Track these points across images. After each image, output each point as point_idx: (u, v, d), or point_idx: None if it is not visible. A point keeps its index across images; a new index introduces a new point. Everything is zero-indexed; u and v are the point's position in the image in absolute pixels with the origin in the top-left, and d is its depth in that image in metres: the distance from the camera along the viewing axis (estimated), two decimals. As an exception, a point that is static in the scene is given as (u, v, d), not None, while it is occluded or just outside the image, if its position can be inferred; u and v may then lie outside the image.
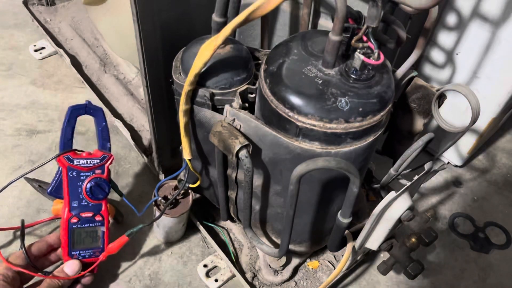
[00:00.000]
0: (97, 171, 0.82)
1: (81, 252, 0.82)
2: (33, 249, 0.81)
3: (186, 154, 0.76)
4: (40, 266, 0.81)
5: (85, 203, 0.82)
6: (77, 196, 0.81)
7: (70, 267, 0.80)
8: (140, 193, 1.03)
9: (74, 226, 0.81)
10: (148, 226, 0.86)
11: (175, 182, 0.90)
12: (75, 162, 0.80)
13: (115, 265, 0.91)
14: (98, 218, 0.82)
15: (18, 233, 0.93)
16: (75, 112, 0.84)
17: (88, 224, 0.82)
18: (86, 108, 0.85)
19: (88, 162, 0.81)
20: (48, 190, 0.84)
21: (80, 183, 0.81)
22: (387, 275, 0.88)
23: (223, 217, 0.90)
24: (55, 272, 0.80)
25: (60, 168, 0.81)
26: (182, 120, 0.72)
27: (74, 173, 0.80)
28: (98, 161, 0.82)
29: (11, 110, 1.16)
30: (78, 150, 0.82)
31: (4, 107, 1.17)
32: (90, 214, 0.82)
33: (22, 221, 0.85)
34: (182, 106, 0.70)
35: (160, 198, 0.87)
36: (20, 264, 0.78)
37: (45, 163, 0.86)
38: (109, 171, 0.84)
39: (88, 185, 0.81)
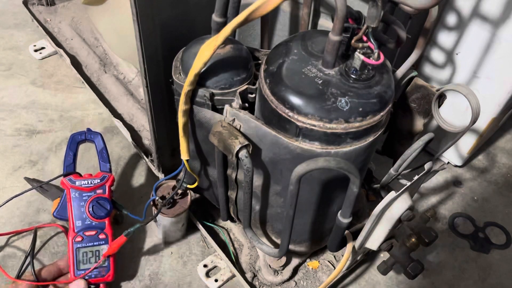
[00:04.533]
0: (99, 191, 0.85)
1: (87, 271, 0.82)
2: (43, 272, 0.81)
3: (184, 155, 0.76)
4: None
5: (88, 222, 0.84)
6: (80, 216, 0.84)
7: (76, 286, 0.80)
8: (140, 194, 1.03)
9: (78, 245, 0.82)
10: (145, 225, 0.86)
11: (173, 182, 0.90)
12: (77, 183, 0.85)
13: (115, 265, 0.91)
14: (101, 236, 0.84)
15: (19, 235, 0.93)
16: (76, 138, 0.90)
17: (92, 243, 0.83)
18: (85, 134, 0.91)
19: (89, 183, 0.85)
20: (54, 213, 0.86)
21: (83, 203, 0.84)
22: (387, 275, 0.88)
23: (223, 217, 0.90)
24: None
25: (65, 190, 0.85)
26: (181, 120, 0.72)
27: (76, 194, 0.84)
28: (99, 181, 0.86)
29: (11, 110, 1.16)
30: (80, 174, 0.87)
31: (4, 107, 1.17)
32: (93, 233, 0.83)
33: (34, 234, 0.87)
34: (182, 106, 0.70)
35: (157, 198, 0.87)
36: (27, 285, 0.78)
37: (48, 182, 0.90)
38: (111, 190, 0.87)
39: (90, 205, 0.84)
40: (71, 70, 1.27)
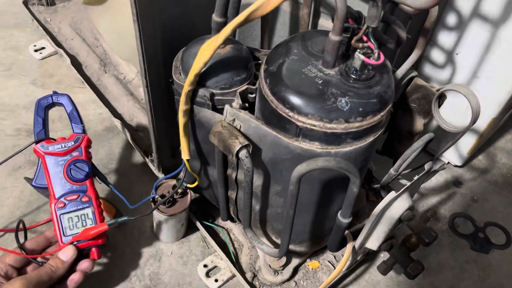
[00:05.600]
0: (75, 154, 0.82)
1: (74, 237, 0.79)
2: (30, 243, 0.80)
3: (185, 155, 0.76)
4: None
5: (68, 187, 0.81)
6: (59, 182, 0.81)
7: (65, 252, 0.77)
8: (140, 193, 1.03)
9: (62, 212, 0.80)
10: (134, 219, 0.81)
11: (173, 181, 0.90)
12: (50, 148, 0.81)
13: (115, 265, 0.91)
14: (84, 199, 0.81)
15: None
16: (42, 103, 0.87)
17: (76, 207, 0.80)
18: (52, 97, 0.88)
19: (63, 146, 0.82)
20: (33, 182, 0.83)
21: (60, 168, 0.81)
22: (387, 275, 0.88)
23: (223, 217, 0.90)
24: (50, 260, 0.77)
25: (39, 158, 0.82)
26: (181, 120, 0.72)
27: (52, 160, 0.81)
28: (73, 143, 0.82)
29: (11, 110, 1.16)
30: (52, 139, 0.84)
31: (4, 107, 1.17)
32: (75, 197, 0.80)
33: (19, 222, 0.85)
34: (182, 106, 0.71)
35: (157, 196, 0.87)
36: (14, 256, 0.76)
37: (17, 153, 0.87)
38: (88, 152, 0.84)
39: (68, 168, 0.81)
40: (71, 70, 1.27)
